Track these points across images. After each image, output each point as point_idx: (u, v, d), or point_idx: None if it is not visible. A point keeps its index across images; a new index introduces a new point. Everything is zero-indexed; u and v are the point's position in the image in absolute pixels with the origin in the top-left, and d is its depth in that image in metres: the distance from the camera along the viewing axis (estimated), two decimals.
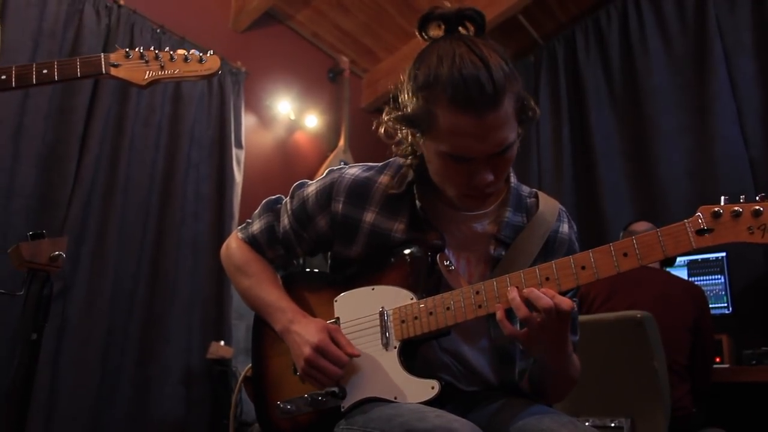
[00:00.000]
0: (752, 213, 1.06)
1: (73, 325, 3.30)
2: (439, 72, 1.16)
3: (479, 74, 1.13)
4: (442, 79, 1.15)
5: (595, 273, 1.15)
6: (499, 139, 1.17)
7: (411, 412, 1.13)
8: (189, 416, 3.73)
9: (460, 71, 1.13)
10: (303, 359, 1.29)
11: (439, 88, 1.16)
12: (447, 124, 1.17)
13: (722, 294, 3.29)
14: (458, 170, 1.23)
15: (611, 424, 2.40)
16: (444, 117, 1.17)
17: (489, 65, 1.14)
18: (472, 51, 1.16)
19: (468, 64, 1.14)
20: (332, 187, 1.45)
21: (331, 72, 5.47)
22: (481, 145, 1.17)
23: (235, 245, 1.59)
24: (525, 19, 4.84)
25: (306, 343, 1.29)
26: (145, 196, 3.80)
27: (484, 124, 1.14)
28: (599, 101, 4.37)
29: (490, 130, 1.16)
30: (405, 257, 1.35)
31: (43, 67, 1.55)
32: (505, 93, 1.15)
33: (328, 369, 1.27)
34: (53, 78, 1.55)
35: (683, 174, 3.79)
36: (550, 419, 1.18)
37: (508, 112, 1.17)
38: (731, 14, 3.81)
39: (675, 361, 2.54)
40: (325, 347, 1.28)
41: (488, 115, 1.14)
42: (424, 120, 1.22)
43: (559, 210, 1.46)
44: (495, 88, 1.13)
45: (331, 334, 1.31)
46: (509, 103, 1.17)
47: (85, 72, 1.58)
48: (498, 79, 1.13)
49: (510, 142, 1.20)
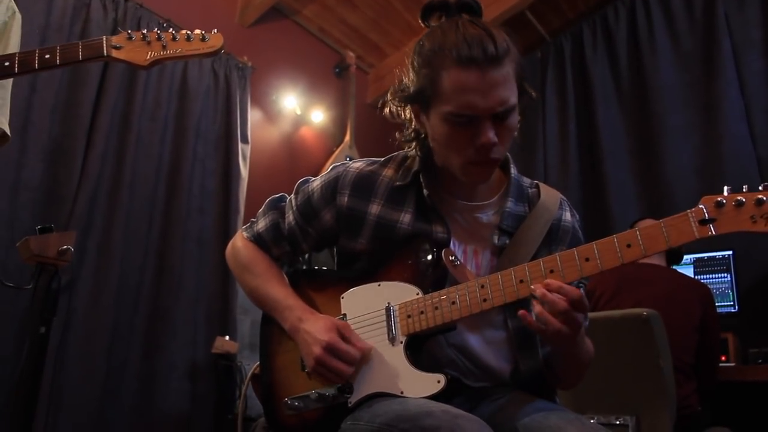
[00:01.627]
0: (755, 202, 1.07)
1: (79, 318, 3.32)
2: (444, 40, 1.24)
3: (482, 37, 1.21)
4: (447, 44, 1.23)
5: (599, 265, 1.15)
6: (501, 96, 1.22)
7: (417, 407, 1.13)
8: (193, 410, 3.74)
9: (464, 35, 1.21)
10: (313, 359, 1.29)
11: (445, 52, 1.23)
12: (452, 82, 1.22)
13: (728, 292, 3.28)
14: (463, 134, 1.26)
15: (616, 422, 2.40)
16: (449, 77, 1.23)
17: (491, 32, 1.22)
18: (474, 23, 1.25)
19: (471, 30, 1.22)
20: (337, 181, 1.46)
21: (338, 67, 5.46)
22: (485, 100, 1.21)
23: (241, 244, 1.59)
24: (532, 14, 4.82)
25: (316, 342, 1.30)
26: (151, 191, 3.81)
27: (487, 79, 1.20)
28: (606, 98, 4.35)
29: (492, 85, 1.21)
30: (411, 253, 1.35)
31: (46, 52, 1.54)
32: (507, 55, 1.23)
33: (339, 368, 1.28)
34: (55, 62, 1.54)
35: (690, 172, 3.78)
36: (557, 416, 1.18)
37: (509, 74, 1.23)
38: (740, 11, 3.78)
39: (681, 360, 2.53)
40: (336, 345, 1.29)
41: (491, 71, 1.20)
42: (428, 88, 1.27)
43: (561, 199, 1.47)
44: (497, 49, 1.20)
45: (341, 331, 1.32)
46: (510, 66, 1.23)
47: (87, 55, 1.57)
48: (500, 42, 1.21)
49: (511, 104, 1.24)
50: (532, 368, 1.40)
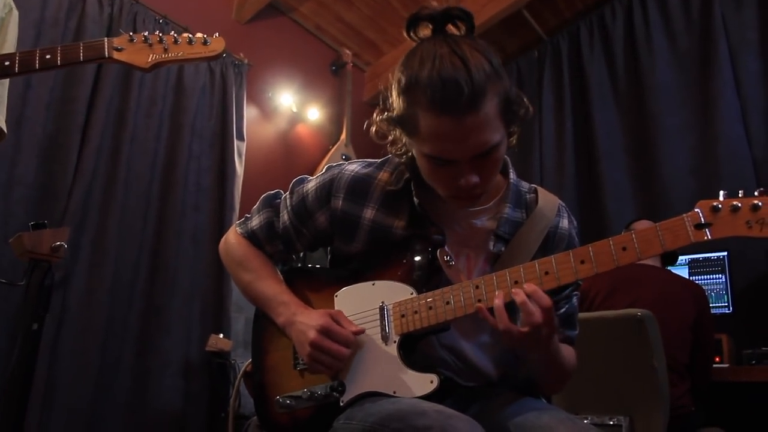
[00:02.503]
0: (751, 207, 1.06)
1: (73, 315, 3.31)
2: (419, 75, 1.15)
3: (458, 76, 1.11)
4: (422, 81, 1.15)
5: (594, 267, 1.14)
6: (479, 141, 1.16)
7: (410, 406, 1.12)
8: (187, 408, 3.74)
9: (439, 73, 1.12)
10: (308, 343, 1.28)
11: (419, 91, 1.16)
12: (427, 127, 1.17)
13: (723, 293, 3.28)
14: (443, 172, 1.23)
15: (610, 422, 2.40)
16: (424, 120, 1.17)
17: (469, 66, 1.12)
18: (453, 52, 1.15)
19: (447, 65, 1.13)
20: (332, 184, 1.44)
21: (334, 65, 5.46)
22: (461, 147, 1.17)
23: (234, 240, 1.58)
24: (529, 14, 4.82)
25: (310, 328, 1.29)
26: (146, 187, 3.80)
27: (463, 127, 1.14)
28: (603, 98, 4.36)
29: (469, 132, 1.15)
30: (405, 252, 1.35)
31: (47, 52, 1.54)
32: (485, 94, 1.13)
33: (334, 349, 1.27)
34: (56, 63, 1.54)
35: (686, 172, 3.78)
36: (549, 416, 1.18)
37: (490, 114, 1.15)
38: (737, 12, 3.79)
39: (675, 360, 2.53)
40: (330, 327, 1.28)
41: (467, 118, 1.13)
42: (408, 122, 1.22)
43: (559, 205, 1.45)
44: (474, 91, 1.11)
45: (334, 316, 1.32)
46: (491, 104, 1.15)
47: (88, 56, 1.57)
48: (478, 80, 1.12)
49: (493, 144, 1.18)
50: (513, 374, 1.41)
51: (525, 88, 4.91)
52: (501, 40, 5.12)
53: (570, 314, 1.47)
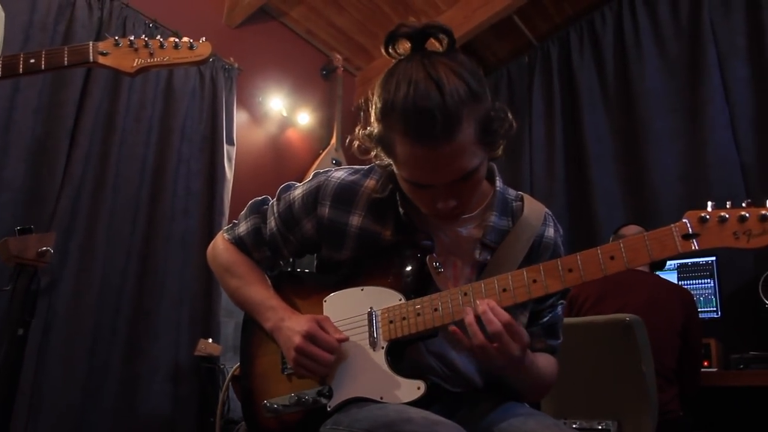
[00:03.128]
0: (738, 218, 1.07)
1: (61, 320, 3.28)
2: (395, 100, 1.14)
3: (431, 105, 1.09)
4: (397, 108, 1.13)
5: (582, 276, 1.15)
6: (455, 168, 1.16)
7: (397, 412, 1.12)
8: (176, 413, 3.72)
9: (413, 101, 1.11)
10: (293, 348, 1.28)
11: (394, 117, 1.15)
12: (403, 154, 1.17)
13: (711, 298, 3.30)
14: (421, 194, 1.24)
15: (599, 427, 2.41)
16: (400, 146, 1.17)
17: (444, 93, 1.10)
18: (429, 77, 1.12)
19: (422, 92, 1.10)
20: (318, 191, 1.44)
21: (325, 69, 5.46)
22: (437, 175, 1.17)
23: (222, 246, 1.58)
24: (520, 19, 4.84)
25: (296, 333, 1.29)
26: (135, 192, 3.78)
27: (437, 155, 1.13)
28: (593, 103, 4.38)
29: (445, 161, 1.14)
30: (394, 258, 1.35)
31: (31, 56, 1.53)
32: (460, 122, 1.11)
33: (319, 355, 1.27)
34: (40, 67, 1.53)
35: (675, 178, 3.81)
36: (535, 421, 1.18)
37: (466, 141, 1.14)
38: (726, 19, 3.82)
39: (663, 365, 2.55)
40: (315, 333, 1.28)
41: (441, 147, 1.12)
42: (386, 144, 1.22)
43: (545, 213, 1.45)
44: (448, 120, 1.10)
45: (320, 322, 1.31)
46: (467, 131, 1.13)
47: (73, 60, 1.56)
48: (452, 107, 1.10)
49: (470, 169, 1.18)
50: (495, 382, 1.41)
51: (515, 93, 4.94)
52: (491, 45, 5.14)
53: (553, 323, 1.47)
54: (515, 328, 1.14)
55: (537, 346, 1.43)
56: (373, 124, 1.25)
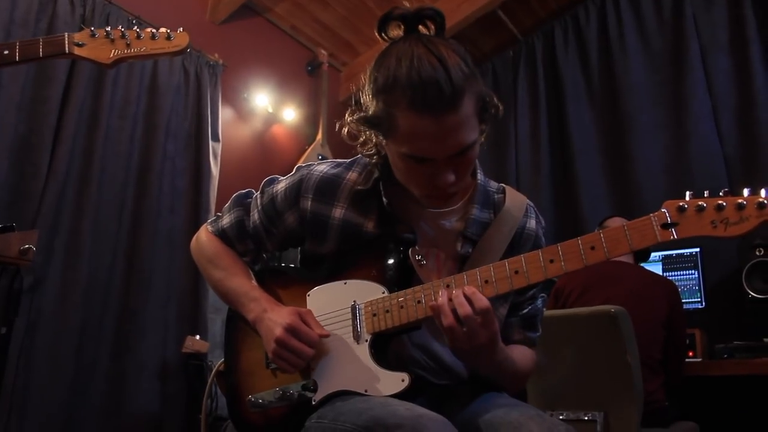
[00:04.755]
0: (715, 207, 1.09)
1: (47, 318, 3.27)
2: (397, 74, 1.16)
3: (437, 76, 1.12)
4: (400, 81, 1.15)
5: (563, 266, 1.16)
6: (458, 140, 1.17)
7: (381, 405, 1.13)
8: (164, 410, 3.71)
9: (418, 73, 1.13)
10: (274, 340, 1.29)
11: (398, 91, 1.16)
12: (406, 126, 1.17)
13: (695, 289, 3.33)
14: (419, 171, 1.23)
15: (584, 418, 2.42)
16: (403, 119, 1.17)
17: (447, 66, 1.13)
18: (430, 52, 1.15)
19: (426, 65, 1.13)
20: (300, 184, 1.44)
21: (310, 65, 5.44)
22: (440, 146, 1.17)
23: (205, 238, 1.59)
24: (504, 14, 4.84)
25: (277, 325, 1.30)
26: (120, 189, 3.76)
27: (442, 126, 1.14)
28: (577, 97, 4.40)
29: (449, 132, 1.16)
30: (377, 252, 1.35)
31: (5, 47, 1.51)
32: (464, 94, 1.15)
33: (299, 348, 1.28)
34: (14, 58, 1.52)
35: (659, 170, 3.83)
36: (519, 412, 1.18)
37: (468, 113, 1.17)
38: (707, 12, 3.85)
39: (648, 356, 2.56)
40: (297, 326, 1.28)
41: (447, 117, 1.14)
42: (385, 122, 1.21)
43: (527, 205, 1.47)
44: (453, 90, 1.12)
45: (302, 316, 1.32)
46: (469, 103, 1.17)
47: (48, 52, 1.55)
48: (456, 80, 1.13)
49: (470, 142, 1.20)
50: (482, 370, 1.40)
51: (500, 87, 4.94)
52: (476, 39, 5.14)
53: (533, 315, 1.48)
54: (489, 317, 1.15)
55: (515, 338, 1.45)
56: (368, 104, 1.25)
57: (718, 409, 3.07)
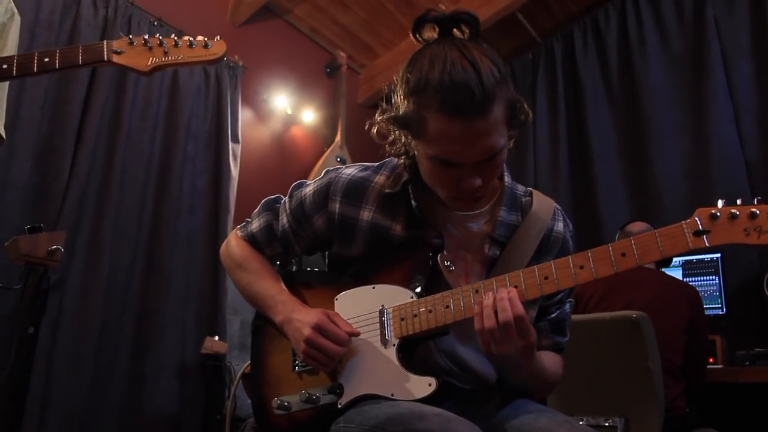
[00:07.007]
0: (748, 215, 1.08)
1: (68, 318, 3.30)
2: (430, 77, 1.16)
3: (469, 80, 1.12)
4: (432, 83, 1.15)
5: (593, 272, 1.15)
6: (487, 145, 1.17)
7: (409, 410, 1.13)
8: (182, 410, 3.73)
9: (450, 77, 1.13)
10: (303, 340, 1.29)
11: (429, 93, 1.15)
12: (436, 129, 1.17)
13: (716, 295, 3.30)
14: (447, 174, 1.23)
15: (605, 423, 2.41)
16: (433, 122, 1.17)
17: (480, 71, 1.13)
18: (463, 56, 1.15)
19: (459, 69, 1.13)
20: (329, 187, 1.45)
21: (329, 67, 5.45)
22: (470, 151, 1.17)
23: (235, 243, 1.60)
24: (523, 16, 4.84)
25: (305, 325, 1.30)
26: (141, 189, 3.79)
27: (472, 130, 1.14)
28: (596, 100, 4.37)
29: (478, 136, 1.15)
30: (405, 257, 1.36)
31: (45, 55, 1.52)
32: (494, 99, 1.15)
33: (328, 347, 1.28)
34: (54, 66, 1.53)
35: (679, 174, 3.80)
36: (547, 418, 1.18)
37: (498, 119, 1.17)
38: (729, 15, 3.81)
39: (669, 361, 2.55)
40: (325, 326, 1.29)
41: (477, 122, 1.14)
42: (415, 123, 1.21)
43: (554, 208, 1.47)
44: (484, 95, 1.12)
45: (330, 315, 1.33)
46: (499, 109, 1.16)
47: (87, 59, 1.56)
48: (488, 85, 1.13)
49: (498, 148, 1.20)
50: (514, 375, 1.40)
51: (519, 90, 4.87)
52: (495, 42, 5.12)
53: (561, 320, 1.48)
54: (525, 324, 1.15)
55: (544, 343, 1.45)
56: (399, 104, 1.26)
57: (739, 417, 3.04)
